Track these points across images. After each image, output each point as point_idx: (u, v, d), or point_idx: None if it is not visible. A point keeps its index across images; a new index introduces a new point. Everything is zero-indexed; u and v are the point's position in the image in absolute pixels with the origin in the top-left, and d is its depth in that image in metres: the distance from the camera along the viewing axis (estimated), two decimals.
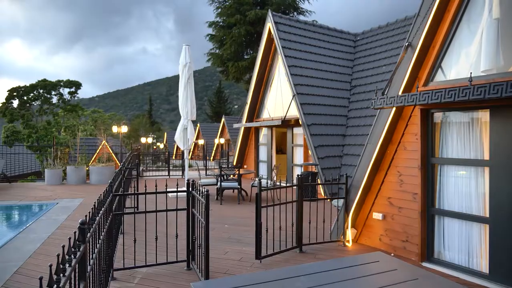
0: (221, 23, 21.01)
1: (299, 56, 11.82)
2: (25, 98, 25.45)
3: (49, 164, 12.58)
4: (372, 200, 5.51)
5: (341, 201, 6.03)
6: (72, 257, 1.82)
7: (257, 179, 10.55)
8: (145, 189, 4.27)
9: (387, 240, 5.26)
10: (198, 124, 37.82)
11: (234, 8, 20.03)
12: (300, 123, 10.63)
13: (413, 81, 4.96)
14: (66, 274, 1.62)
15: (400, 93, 4.98)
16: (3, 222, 7.62)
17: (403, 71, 4.97)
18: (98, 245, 2.74)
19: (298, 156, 11.86)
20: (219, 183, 8.89)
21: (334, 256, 5.01)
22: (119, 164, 14.81)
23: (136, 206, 6.76)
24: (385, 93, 5.09)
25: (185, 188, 4.43)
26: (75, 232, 2.05)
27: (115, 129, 16.05)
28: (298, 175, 5.27)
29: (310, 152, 10.34)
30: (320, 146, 10.12)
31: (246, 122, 14.11)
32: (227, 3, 20.83)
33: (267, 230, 4.93)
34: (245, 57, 20.83)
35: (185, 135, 9.61)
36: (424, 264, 4.68)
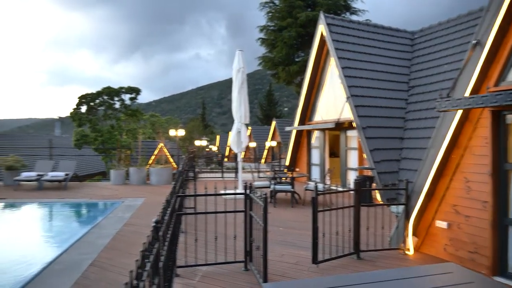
0: (272, 27, 21.19)
1: (352, 57, 11.56)
2: (92, 104, 27.60)
3: (113, 165, 13.56)
4: (435, 207, 5.23)
5: (400, 208, 5.79)
6: (150, 253, 1.97)
7: (310, 182, 10.50)
8: (206, 191, 4.45)
9: (452, 250, 4.96)
10: (249, 127, 38.41)
11: (286, 11, 20.10)
12: (354, 125, 10.38)
13: (481, 81, 4.64)
14: (147, 269, 1.76)
15: (467, 94, 4.68)
16: (77, 218, 8.37)
17: (470, 71, 4.68)
18: (167, 243, 2.92)
19: (352, 159, 11.58)
20: (272, 186, 8.96)
21: (395, 265, 4.84)
22: (175, 166, 15.55)
23: (194, 206, 7.03)
24: (450, 94, 4.82)
25: (240, 190, 4.56)
26: (152, 230, 2.22)
27: (172, 132, 16.86)
28: (355, 179, 5.17)
29: (365, 155, 10.05)
30: (376, 150, 9.80)
31: (298, 125, 14.07)
32: (278, 7, 20.96)
33: (323, 235, 4.89)
34: (296, 59, 20.79)
35: (239, 138, 9.83)
36: (496, 278, 4.34)
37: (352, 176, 11.19)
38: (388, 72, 11.78)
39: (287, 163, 15.00)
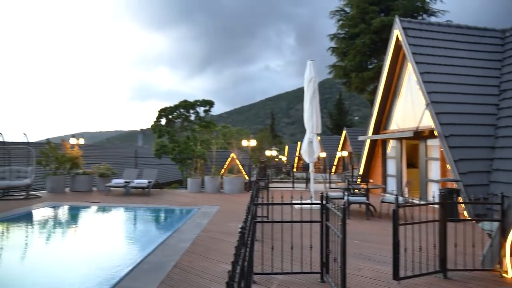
0: (343, 35, 20.82)
1: (432, 62, 10.85)
2: (170, 116, 29.66)
3: (190, 173, 14.38)
4: None
5: (494, 224, 5.22)
6: (239, 257, 2.06)
7: (386, 194, 9.99)
8: (282, 200, 4.50)
9: None
10: (319, 137, 37.90)
11: (358, 18, 19.63)
12: (436, 134, 9.68)
13: None
14: (237, 271, 1.85)
15: None
16: (160, 222, 9.03)
17: None
18: (248, 249, 3.02)
19: (434, 170, 10.76)
20: (346, 197, 8.71)
21: None
22: (246, 176, 15.93)
23: (267, 215, 7.14)
24: None
25: (311, 200, 4.52)
26: (239, 235, 2.31)
27: (245, 143, 17.37)
28: (440, 192, 4.81)
29: (448, 166, 9.28)
30: (461, 160, 9.00)
31: (372, 134, 13.54)
32: (349, 14, 20.56)
33: (405, 250, 4.61)
34: (369, 66, 20.11)
35: (310, 148, 9.77)
36: None
37: (433, 189, 10.40)
38: (474, 75, 10.81)
39: (360, 174, 14.48)
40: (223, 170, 17.89)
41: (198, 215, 8.64)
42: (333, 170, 33.56)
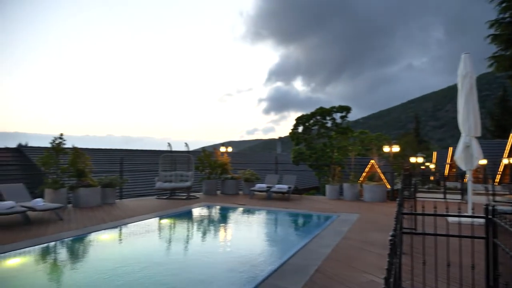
0: (508, 19, 17.50)
1: None
2: (307, 124, 30.32)
3: (328, 180, 14.33)
4: None
5: None
6: (392, 266, 1.95)
7: None
8: (435, 210, 4.05)
9: None
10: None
11: None
12: None
13: None
14: (391, 280, 1.75)
15: None
16: (300, 227, 9.29)
17: None
18: (398, 260, 2.82)
19: None
20: None
21: None
22: (388, 184, 14.89)
23: (415, 227, 6.53)
24: None
25: (472, 213, 3.90)
26: (390, 244, 2.19)
27: (386, 149, 16.38)
28: None
29: None
30: None
31: None
32: None
33: None
34: None
35: (467, 154, 8.50)
36: None
37: None
38: None
39: None
40: (362, 178, 17.19)
41: (338, 222, 8.52)
42: (496, 180, 28.34)
